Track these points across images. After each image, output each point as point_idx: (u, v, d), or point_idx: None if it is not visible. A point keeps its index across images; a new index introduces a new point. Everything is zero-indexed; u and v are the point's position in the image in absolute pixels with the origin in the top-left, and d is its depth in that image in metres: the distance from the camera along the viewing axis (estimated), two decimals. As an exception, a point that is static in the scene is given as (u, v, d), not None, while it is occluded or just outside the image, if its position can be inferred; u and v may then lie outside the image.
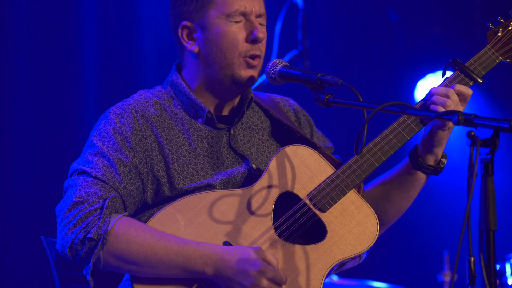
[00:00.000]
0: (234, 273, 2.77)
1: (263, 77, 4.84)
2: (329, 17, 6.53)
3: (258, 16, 3.07)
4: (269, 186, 2.98)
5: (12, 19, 5.34)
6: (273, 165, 3.01)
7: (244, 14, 3.04)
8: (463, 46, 6.26)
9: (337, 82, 2.82)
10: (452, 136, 3.07)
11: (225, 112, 3.17)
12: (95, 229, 2.80)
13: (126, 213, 2.90)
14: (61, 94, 5.50)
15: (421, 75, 6.50)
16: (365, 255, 2.98)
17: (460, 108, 2.97)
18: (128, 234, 2.81)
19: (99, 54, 5.68)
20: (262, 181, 2.99)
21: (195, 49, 3.08)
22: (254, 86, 3.95)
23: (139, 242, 2.81)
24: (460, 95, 2.97)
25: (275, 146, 3.20)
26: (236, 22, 3.04)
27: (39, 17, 5.45)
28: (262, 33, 3.05)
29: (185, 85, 3.12)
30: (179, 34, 3.10)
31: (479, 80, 3.02)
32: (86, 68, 5.64)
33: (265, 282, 2.76)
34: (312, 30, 5.90)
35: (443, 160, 3.09)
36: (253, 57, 3.05)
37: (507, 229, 5.91)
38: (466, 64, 3.04)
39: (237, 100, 3.18)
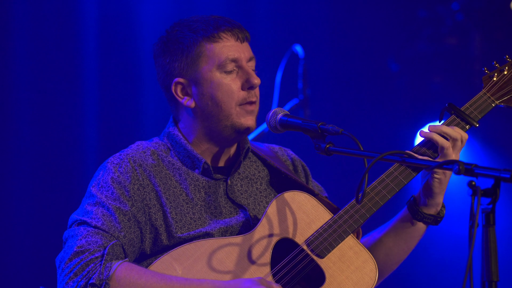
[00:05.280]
0: None
1: (264, 125, 4.84)
2: (329, 66, 6.57)
3: (249, 60, 3.09)
4: (267, 233, 2.97)
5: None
6: (270, 211, 3.00)
7: (235, 61, 3.05)
8: (462, 96, 6.28)
9: (338, 131, 2.83)
10: (452, 187, 3.06)
11: (222, 163, 3.17)
12: (97, 275, 2.79)
13: (127, 259, 2.89)
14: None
15: (421, 124, 6.51)
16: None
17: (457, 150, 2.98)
18: (130, 277, 2.80)
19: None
20: (260, 228, 2.97)
21: (191, 104, 3.09)
22: (255, 135, 3.96)
23: (141, 284, 2.80)
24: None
25: (273, 195, 3.19)
26: (229, 72, 3.05)
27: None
28: (257, 79, 3.07)
29: (181, 137, 3.13)
30: (173, 90, 3.10)
31: (475, 124, 3.03)
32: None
33: None
34: (312, 79, 5.93)
35: (443, 209, 3.08)
36: (250, 103, 3.07)
37: (510, 279, 5.87)
38: (462, 109, 3.05)
39: (233, 150, 3.18)
